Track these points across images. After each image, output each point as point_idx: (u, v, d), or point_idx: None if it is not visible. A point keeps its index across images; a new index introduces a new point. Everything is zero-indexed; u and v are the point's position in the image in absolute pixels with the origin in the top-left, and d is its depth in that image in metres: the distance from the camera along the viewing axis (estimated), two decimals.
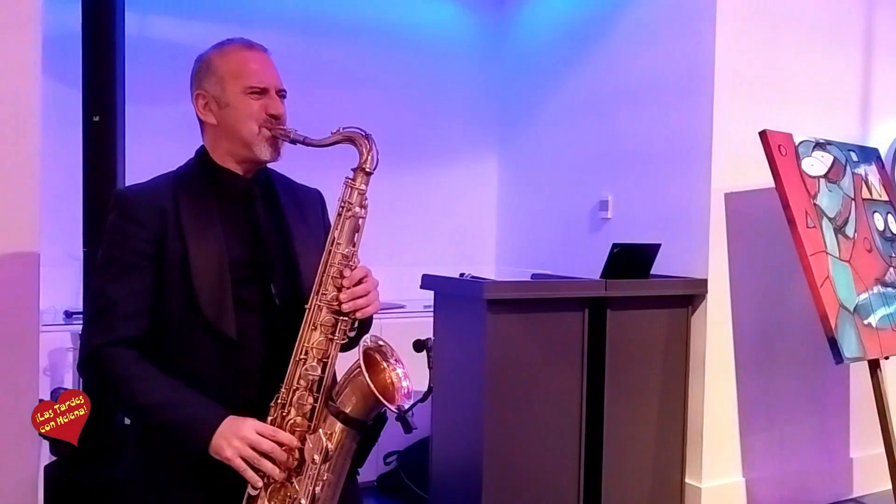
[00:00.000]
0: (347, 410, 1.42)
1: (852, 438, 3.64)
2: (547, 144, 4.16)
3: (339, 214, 1.49)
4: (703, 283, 3.15)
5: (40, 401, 2.29)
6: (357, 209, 1.49)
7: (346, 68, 4.07)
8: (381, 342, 1.50)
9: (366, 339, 1.47)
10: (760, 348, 3.32)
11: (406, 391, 1.46)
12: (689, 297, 3.18)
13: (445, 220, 4.43)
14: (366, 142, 1.49)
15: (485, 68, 4.51)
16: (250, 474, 1.38)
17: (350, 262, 1.48)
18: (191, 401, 1.42)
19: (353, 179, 1.49)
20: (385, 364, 1.49)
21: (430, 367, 1.49)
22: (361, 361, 1.40)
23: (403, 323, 3.56)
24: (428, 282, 2.97)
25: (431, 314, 2.98)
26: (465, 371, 2.79)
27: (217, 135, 1.56)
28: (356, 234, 1.50)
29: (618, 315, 2.95)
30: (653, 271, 3.12)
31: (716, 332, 3.18)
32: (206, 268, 1.47)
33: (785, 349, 3.38)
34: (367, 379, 1.37)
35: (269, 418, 1.44)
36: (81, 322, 2.80)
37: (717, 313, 3.18)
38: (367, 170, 1.49)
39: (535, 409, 2.79)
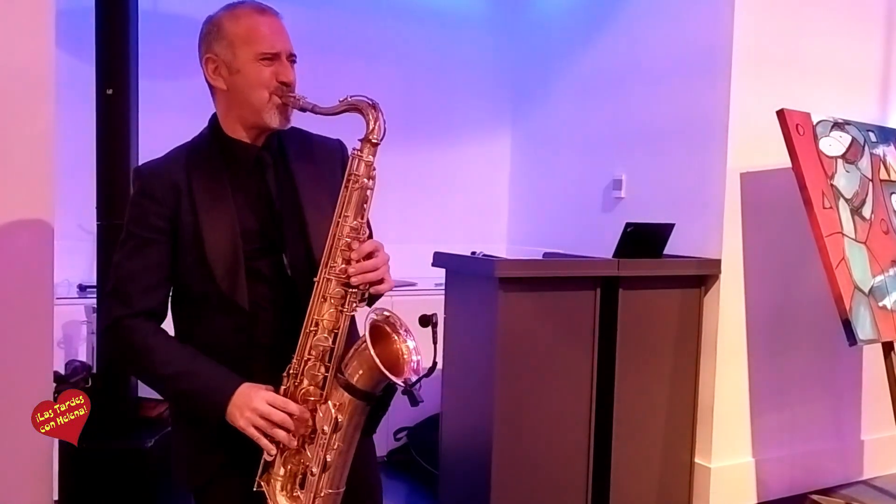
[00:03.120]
0: (355, 382, 1.43)
1: (864, 421, 3.63)
2: (560, 122, 4.13)
3: (346, 186, 1.48)
4: (717, 263, 3.13)
5: (57, 386, 2.32)
6: (364, 181, 1.47)
7: (360, 42, 4.04)
8: (387, 313, 1.49)
9: (372, 312, 1.46)
10: (773, 329, 3.30)
11: (416, 365, 1.46)
12: (703, 277, 3.16)
13: (457, 197, 4.42)
14: (373, 111, 1.47)
15: (499, 44, 4.46)
16: (264, 442, 1.42)
17: (359, 235, 1.48)
18: (206, 371, 1.46)
19: (360, 151, 1.48)
20: (396, 336, 1.49)
21: (434, 343, 1.47)
22: (368, 336, 1.39)
23: (415, 300, 3.56)
24: (439, 259, 2.96)
25: (443, 292, 2.97)
26: (476, 349, 2.80)
27: (227, 100, 1.55)
28: (364, 206, 1.49)
29: (630, 295, 2.93)
30: (666, 251, 3.10)
31: (728, 312, 3.16)
32: (219, 241, 1.49)
33: (798, 330, 3.36)
34: (373, 353, 1.38)
35: (282, 388, 1.46)
36: (95, 296, 2.82)
37: (730, 294, 3.16)
38: (374, 141, 1.47)
39: (545, 387, 2.79)
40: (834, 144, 3.05)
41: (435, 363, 1.46)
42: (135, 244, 1.50)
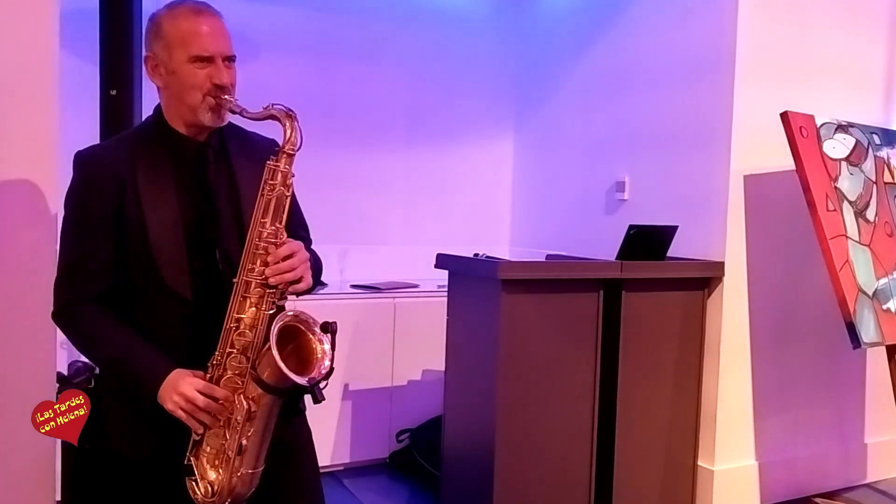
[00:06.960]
0: (265, 378, 1.52)
1: (867, 424, 3.62)
2: (564, 124, 4.13)
3: (262, 194, 1.53)
4: (720, 265, 3.13)
5: (60, 386, 2.32)
6: (280, 189, 1.53)
7: (363, 44, 4.04)
8: (291, 313, 1.55)
9: (283, 315, 1.52)
10: (777, 332, 3.29)
11: (325, 367, 1.54)
12: (706, 279, 3.16)
13: (460, 199, 4.42)
14: (289, 121, 1.52)
15: (502, 47, 4.46)
16: (192, 422, 1.51)
17: (276, 240, 1.53)
18: (141, 355, 1.54)
19: (277, 161, 1.53)
20: (311, 335, 1.56)
21: (332, 349, 1.57)
22: (273, 340, 1.47)
23: (417, 302, 3.56)
24: (442, 261, 2.96)
25: (445, 294, 2.97)
26: (478, 351, 2.80)
27: (167, 97, 1.60)
28: (281, 212, 1.54)
29: (633, 297, 2.93)
30: (669, 253, 3.10)
31: (732, 315, 3.16)
32: (163, 234, 1.54)
33: (802, 333, 3.36)
34: (276, 355, 1.46)
35: (208, 376, 1.54)
36: None
37: (733, 296, 3.15)
38: (289, 152, 1.53)
39: (548, 389, 2.79)
40: (838, 147, 3.05)
41: (332, 367, 1.54)
42: (80, 230, 1.55)
